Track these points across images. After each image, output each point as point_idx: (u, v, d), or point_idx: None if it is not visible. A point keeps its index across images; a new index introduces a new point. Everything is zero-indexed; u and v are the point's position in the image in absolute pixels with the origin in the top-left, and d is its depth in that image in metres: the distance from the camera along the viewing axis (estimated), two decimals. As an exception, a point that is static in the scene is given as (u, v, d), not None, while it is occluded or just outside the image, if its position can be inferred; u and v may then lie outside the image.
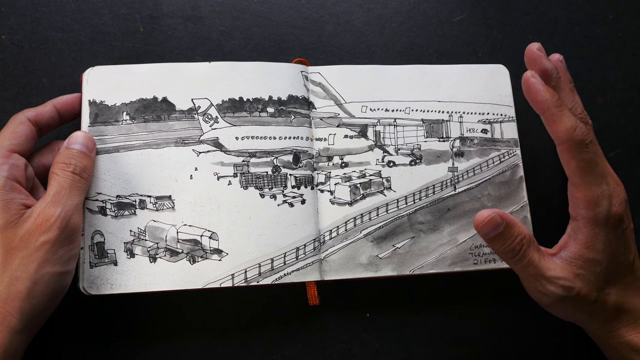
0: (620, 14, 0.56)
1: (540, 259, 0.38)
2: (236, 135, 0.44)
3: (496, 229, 0.38)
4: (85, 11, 0.48)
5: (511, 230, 0.38)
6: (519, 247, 0.38)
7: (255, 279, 0.41)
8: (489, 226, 0.38)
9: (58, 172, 0.38)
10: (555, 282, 0.38)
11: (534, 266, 0.38)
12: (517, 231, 0.38)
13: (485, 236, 0.38)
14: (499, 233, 0.38)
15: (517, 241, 0.38)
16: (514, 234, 0.38)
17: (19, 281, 0.34)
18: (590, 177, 0.38)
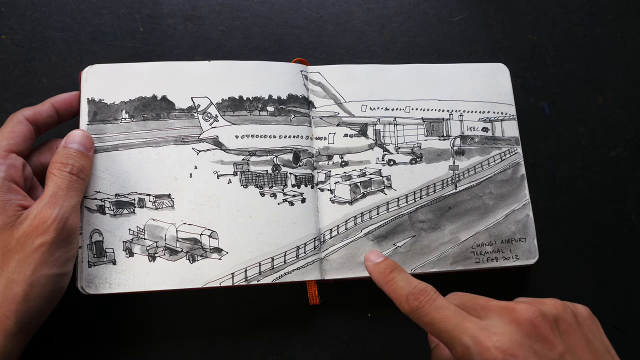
0: (620, 14, 0.56)
1: None
2: (236, 134, 0.44)
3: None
4: (85, 11, 0.48)
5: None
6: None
7: (255, 278, 0.41)
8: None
9: (55, 173, 0.37)
10: None
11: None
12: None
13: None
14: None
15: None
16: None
17: (16, 284, 0.34)
18: (444, 338, 0.32)
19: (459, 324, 0.31)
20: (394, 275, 0.36)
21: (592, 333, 0.33)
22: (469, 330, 0.31)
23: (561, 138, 0.52)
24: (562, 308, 0.33)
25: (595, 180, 0.51)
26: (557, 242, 0.49)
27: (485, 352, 0.30)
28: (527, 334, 0.30)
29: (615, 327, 0.48)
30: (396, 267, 0.36)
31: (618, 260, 0.49)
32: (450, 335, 0.31)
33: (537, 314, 0.31)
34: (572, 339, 0.32)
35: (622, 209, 0.51)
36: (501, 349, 0.29)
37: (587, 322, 0.34)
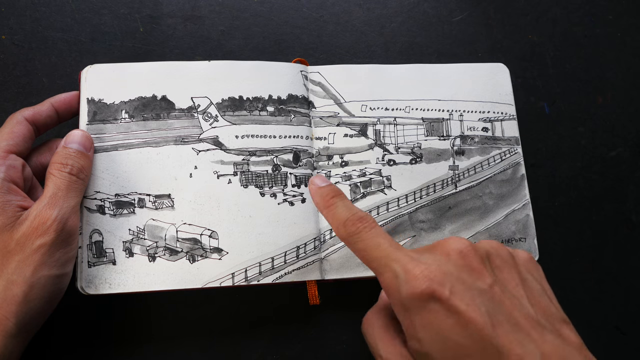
0: (620, 14, 0.56)
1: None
2: (236, 134, 0.44)
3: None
4: (85, 11, 0.48)
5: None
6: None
7: (255, 278, 0.41)
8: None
9: (55, 173, 0.37)
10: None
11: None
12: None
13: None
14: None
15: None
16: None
17: (15, 285, 0.34)
18: (374, 264, 0.32)
19: (391, 253, 0.31)
20: (335, 200, 0.36)
21: (530, 274, 0.33)
22: (399, 259, 0.31)
23: (561, 138, 0.52)
24: (497, 246, 0.33)
25: (595, 180, 0.51)
26: (557, 242, 0.49)
27: (412, 279, 0.30)
28: (455, 264, 0.30)
29: (616, 327, 0.48)
30: (339, 193, 0.37)
31: (618, 260, 0.49)
32: (381, 262, 0.31)
33: (466, 246, 0.31)
34: (504, 274, 0.31)
35: (622, 209, 0.51)
36: (428, 277, 0.29)
37: (526, 263, 0.33)
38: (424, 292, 0.29)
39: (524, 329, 0.28)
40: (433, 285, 0.29)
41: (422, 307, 0.29)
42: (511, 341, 0.28)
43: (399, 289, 0.30)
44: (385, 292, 0.31)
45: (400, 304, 0.30)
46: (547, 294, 0.32)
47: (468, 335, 0.28)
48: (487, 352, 0.28)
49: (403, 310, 0.30)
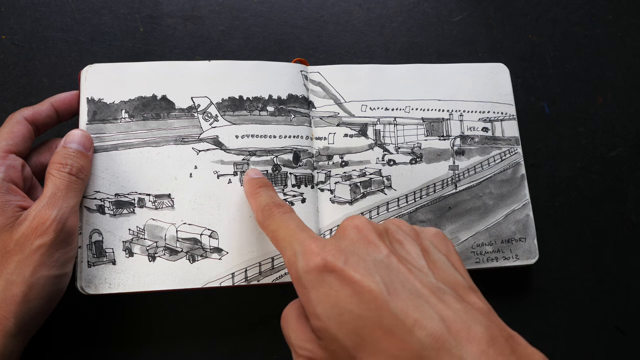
0: (620, 14, 0.56)
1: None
2: (236, 134, 0.44)
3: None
4: (85, 11, 0.48)
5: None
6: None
7: (255, 277, 0.41)
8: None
9: (54, 173, 0.37)
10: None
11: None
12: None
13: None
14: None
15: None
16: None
17: (15, 285, 0.34)
18: (280, 244, 0.34)
19: (296, 233, 0.32)
20: (261, 189, 0.39)
21: (434, 246, 0.32)
22: (302, 238, 0.32)
23: (561, 138, 0.52)
24: (399, 222, 0.33)
25: (595, 180, 0.51)
26: (557, 242, 0.49)
27: (308, 254, 0.30)
28: (351, 239, 0.31)
29: (616, 327, 0.48)
30: (267, 184, 0.40)
31: (618, 260, 0.49)
32: (285, 241, 0.33)
33: (362, 221, 0.32)
34: (404, 247, 0.31)
35: (622, 209, 0.51)
36: (323, 251, 0.30)
37: (432, 237, 0.33)
38: (319, 265, 0.29)
39: (423, 295, 0.28)
40: (327, 257, 0.29)
41: (318, 281, 0.29)
42: (408, 306, 0.27)
43: (297, 265, 0.30)
44: (288, 271, 0.32)
45: (297, 280, 0.30)
46: (453, 265, 0.31)
47: (364, 305, 0.28)
48: (384, 320, 0.27)
49: (301, 288, 0.30)
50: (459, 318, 0.26)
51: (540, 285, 0.48)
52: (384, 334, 0.27)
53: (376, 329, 0.27)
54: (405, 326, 0.26)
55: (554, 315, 0.47)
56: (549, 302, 0.47)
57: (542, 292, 0.47)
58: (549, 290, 0.48)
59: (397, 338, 0.26)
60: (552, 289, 0.48)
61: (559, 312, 0.47)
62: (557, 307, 0.47)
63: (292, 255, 0.31)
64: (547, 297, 0.47)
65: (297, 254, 0.31)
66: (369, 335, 0.27)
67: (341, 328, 0.28)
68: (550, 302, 0.47)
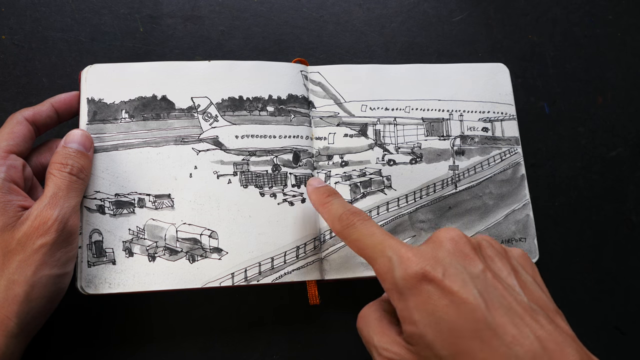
0: (620, 14, 0.56)
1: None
2: (236, 134, 0.44)
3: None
4: (85, 11, 0.48)
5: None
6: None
7: (255, 278, 0.41)
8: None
9: (55, 173, 0.37)
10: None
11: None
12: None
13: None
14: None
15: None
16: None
17: (17, 285, 0.34)
18: (368, 251, 0.33)
19: (384, 240, 0.32)
20: (331, 198, 0.38)
21: (522, 267, 0.33)
22: (393, 245, 0.32)
23: (561, 138, 0.52)
24: (489, 239, 0.33)
25: (595, 180, 0.51)
26: (557, 242, 0.49)
27: (405, 262, 0.30)
28: (448, 250, 0.31)
29: (615, 327, 0.48)
30: (335, 192, 0.39)
31: (618, 260, 0.49)
32: (375, 249, 0.32)
33: (458, 234, 0.32)
34: (496, 263, 0.32)
35: (622, 209, 0.51)
36: (422, 260, 0.30)
37: (519, 258, 0.33)
38: (418, 274, 0.29)
39: (518, 312, 0.28)
40: (426, 267, 0.30)
41: (416, 288, 0.29)
42: (506, 322, 0.28)
43: (393, 272, 0.30)
44: (380, 278, 0.32)
45: (394, 288, 0.30)
46: (539, 287, 0.32)
47: (462, 316, 0.28)
48: (482, 333, 0.28)
49: (397, 294, 0.30)
50: (552, 339, 0.27)
51: (540, 285, 0.48)
52: (481, 346, 0.27)
53: (473, 340, 0.28)
54: (504, 341, 0.27)
55: (554, 315, 0.47)
56: (549, 302, 0.47)
57: (542, 292, 0.47)
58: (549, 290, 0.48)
59: (495, 352, 0.27)
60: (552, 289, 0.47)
61: (559, 312, 0.47)
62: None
63: (386, 262, 0.31)
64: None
65: (392, 261, 0.31)
66: (465, 346, 0.28)
67: (438, 336, 0.28)
68: (550, 302, 0.47)
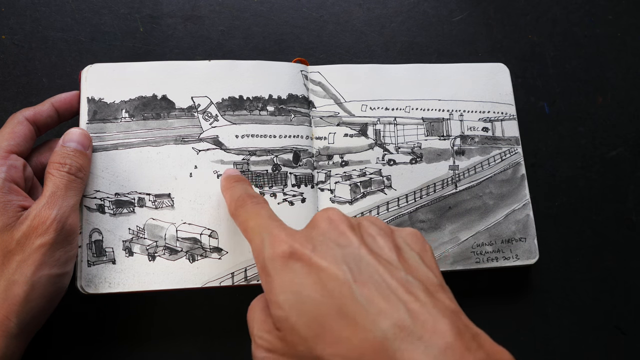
0: (620, 14, 0.56)
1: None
2: (236, 134, 0.44)
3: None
4: (85, 11, 0.48)
5: None
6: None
7: (255, 277, 0.41)
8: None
9: (53, 173, 0.37)
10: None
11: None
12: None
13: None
14: None
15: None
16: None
17: (16, 285, 0.34)
18: (249, 233, 0.33)
19: (266, 222, 0.32)
20: (236, 184, 0.38)
21: (408, 245, 0.31)
22: (270, 227, 0.31)
23: (561, 138, 0.52)
24: (374, 219, 0.32)
25: (595, 180, 0.51)
26: (557, 242, 0.49)
27: (275, 242, 0.29)
28: (322, 229, 0.30)
29: (616, 327, 0.48)
30: (243, 179, 0.40)
31: (618, 260, 0.49)
32: (255, 230, 0.32)
33: (335, 213, 0.31)
34: (376, 242, 0.30)
35: (622, 209, 0.51)
36: (291, 239, 0.29)
37: (407, 236, 0.32)
38: (285, 252, 0.29)
39: (391, 286, 0.27)
40: (295, 245, 0.29)
41: (283, 268, 0.28)
42: (374, 296, 0.26)
43: (263, 252, 0.30)
44: (255, 259, 0.31)
45: (262, 268, 0.30)
46: (425, 264, 0.30)
47: (328, 293, 0.27)
48: (347, 308, 0.26)
49: (265, 276, 0.29)
50: (426, 311, 0.26)
51: (540, 285, 0.48)
52: (346, 323, 0.26)
53: (338, 318, 0.26)
54: (369, 315, 0.26)
55: (554, 315, 0.47)
56: (549, 302, 0.47)
57: (542, 292, 0.47)
58: (549, 290, 0.48)
59: (360, 327, 0.25)
60: (552, 289, 0.48)
61: (559, 312, 0.47)
62: (557, 307, 0.47)
63: (259, 243, 0.31)
64: (547, 297, 0.47)
65: (264, 241, 0.30)
66: (329, 325, 0.26)
67: (301, 317, 0.27)
68: (550, 302, 0.47)
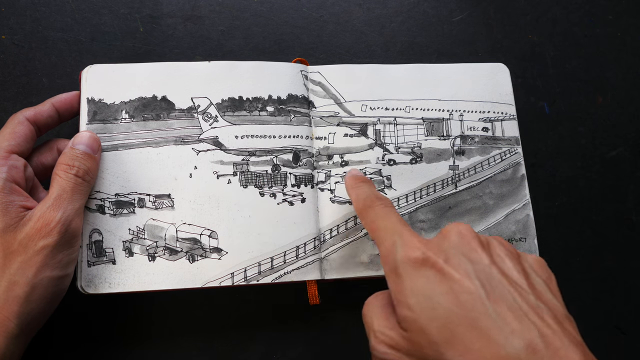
0: (620, 14, 0.56)
1: None
2: (236, 134, 0.44)
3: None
4: (85, 11, 0.48)
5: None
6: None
7: (255, 277, 0.41)
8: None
9: (61, 174, 0.37)
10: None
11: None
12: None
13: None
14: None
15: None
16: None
17: (18, 286, 0.34)
18: (379, 233, 0.34)
19: (397, 225, 0.32)
20: (362, 184, 0.39)
21: (534, 272, 0.31)
22: (403, 232, 0.31)
23: (561, 138, 0.52)
24: (502, 240, 0.32)
25: (595, 180, 0.51)
26: (557, 242, 0.49)
27: (409, 246, 0.30)
28: (454, 242, 0.30)
29: (616, 327, 0.48)
30: (369, 181, 0.40)
31: (618, 260, 0.49)
32: (386, 232, 0.32)
33: (466, 228, 0.31)
34: (505, 262, 0.30)
35: (622, 209, 0.51)
36: (425, 247, 0.30)
37: (534, 263, 0.32)
38: (419, 258, 0.29)
39: (523, 308, 0.27)
40: (428, 253, 0.29)
41: (415, 272, 0.29)
42: (508, 315, 0.27)
43: (395, 254, 0.30)
44: (382, 261, 0.32)
45: (393, 270, 0.30)
46: (550, 291, 0.30)
47: (460, 304, 0.27)
48: (480, 322, 0.27)
49: (394, 276, 0.30)
50: (557, 337, 0.26)
51: (540, 285, 0.48)
52: (478, 336, 0.26)
53: (471, 329, 0.27)
54: (503, 332, 0.26)
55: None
56: (549, 302, 0.47)
57: (542, 292, 0.47)
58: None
59: (493, 342, 0.26)
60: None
61: (559, 312, 0.47)
62: (557, 307, 0.47)
63: (391, 245, 0.31)
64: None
65: (396, 244, 0.31)
66: (461, 334, 0.27)
67: (432, 322, 0.27)
68: (550, 302, 0.47)
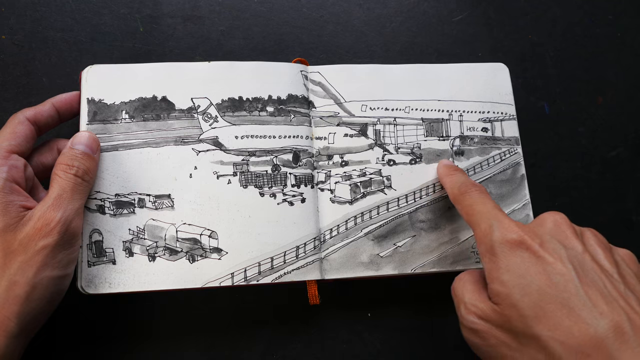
0: (620, 14, 0.56)
1: None
2: (236, 134, 0.44)
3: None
4: (85, 11, 0.48)
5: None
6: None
7: (255, 277, 0.41)
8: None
9: (60, 174, 0.37)
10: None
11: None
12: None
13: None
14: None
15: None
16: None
17: (18, 285, 0.34)
18: (476, 217, 0.36)
19: (493, 210, 0.35)
20: (456, 172, 0.42)
21: (625, 263, 0.32)
22: (499, 215, 0.34)
23: (561, 138, 0.52)
24: (595, 232, 0.34)
25: (595, 180, 0.51)
26: (557, 242, 0.49)
27: (506, 229, 0.32)
28: (549, 229, 0.32)
29: (615, 327, 0.48)
30: (461, 169, 0.43)
31: (618, 260, 0.49)
32: (482, 215, 0.35)
33: (562, 217, 0.33)
34: (597, 252, 0.32)
35: (622, 209, 0.51)
36: (522, 230, 0.32)
37: (624, 255, 0.33)
38: (515, 240, 0.32)
39: (612, 294, 0.29)
40: (524, 237, 0.32)
41: (510, 252, 0.31)
42: (598, 298, 0.28)
43: (492, 235, 0.33)
44: (478, 242, 0.34)
45: (489, 249, 0.33)
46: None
47: (553, 284, 0.29)
48: (571, 302, 0.28)
49: (490, 255, 0.32)
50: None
51: (540, 285, 0.48)
52: (567, 313, 0.28)
53: (561, 307, 0.28)
54: (592, 313, 0.28)
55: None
56: (548, 302, 0.47)
57: (542, 292, 0.47)
58: (549, 290, 0.48)
59: (582, 320, 0.28)
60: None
61: (559, 312, 0.47)
62: (557, 307, 0.47)
63: (487, 227, 0.34)
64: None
65: (493, 226, 0.33)
66: (551, 311, 0.29)
67: (524, 298, 0.30)
68: (550, 302, 0.47)
